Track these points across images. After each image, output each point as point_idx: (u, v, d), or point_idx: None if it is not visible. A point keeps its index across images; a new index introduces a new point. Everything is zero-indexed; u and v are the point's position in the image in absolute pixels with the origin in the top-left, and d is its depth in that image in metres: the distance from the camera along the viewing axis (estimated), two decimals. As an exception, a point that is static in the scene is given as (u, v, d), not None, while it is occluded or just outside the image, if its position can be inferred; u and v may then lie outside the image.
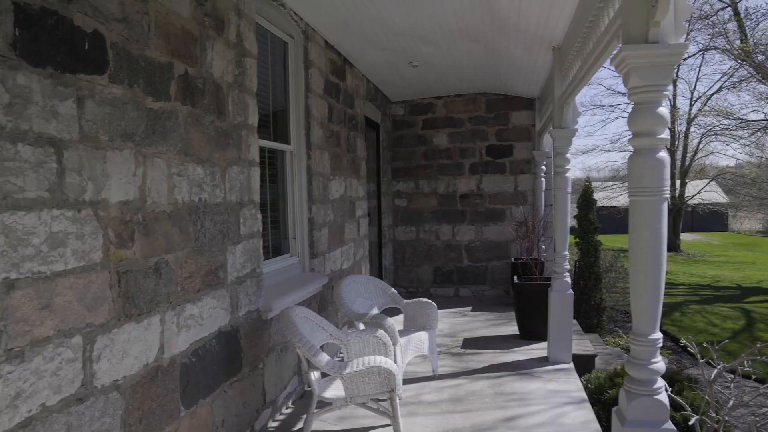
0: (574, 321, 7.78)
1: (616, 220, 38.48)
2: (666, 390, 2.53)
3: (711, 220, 43.89)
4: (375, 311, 5.20)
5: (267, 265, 4.57)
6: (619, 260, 12.68)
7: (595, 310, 9.52)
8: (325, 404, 3.94)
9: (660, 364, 2.49)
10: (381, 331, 4.16)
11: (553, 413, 4.51)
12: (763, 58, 18.53)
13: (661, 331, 10.26)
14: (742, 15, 20.08)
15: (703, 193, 33.25)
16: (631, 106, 2.47)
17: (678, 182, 31.59)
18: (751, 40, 18.89)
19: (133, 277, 2.67)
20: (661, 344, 2.48)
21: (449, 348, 6.36)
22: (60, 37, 2.22)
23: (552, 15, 4.68)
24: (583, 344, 6.59)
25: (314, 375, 3.82)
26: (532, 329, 6.39)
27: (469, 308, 8.39)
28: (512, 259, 7.99)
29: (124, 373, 2.60)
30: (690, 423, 2.92)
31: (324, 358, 3.60)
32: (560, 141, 5.26)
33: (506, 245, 9.09)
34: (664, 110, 2.38)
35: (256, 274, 4.08)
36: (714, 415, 3.06)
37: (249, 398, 3.97)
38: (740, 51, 18.46)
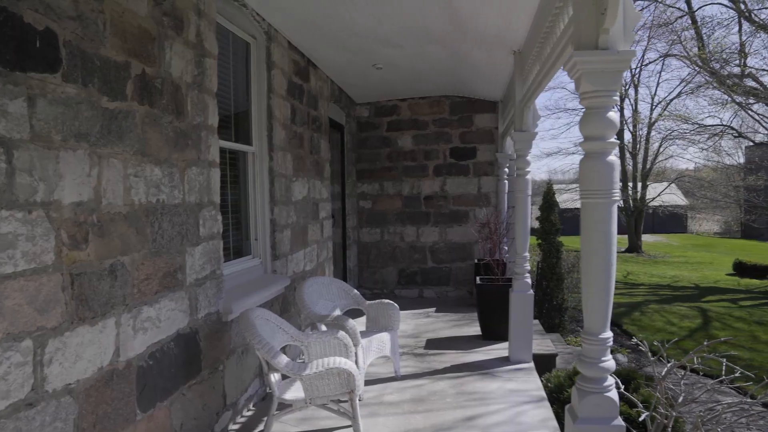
0: (536, 321, 7.92)
1: (579, 222, 39.10)
2: (619, 387, 2.60)
3: (671, 221, 44.97)
4: (337, 313, 5.21)
5: (228, 267, 4.54)
6: (577, 261, 12.91)
7: (557, 311, 9.68)
8: (285, 406, 3.94)
9: (610, 362, 2.55)
10: (342, 333, 4.17)
11: (513, 412, 4.58)
12: (719, 65, 19.09)
13: (621, 330, 10.50)
14: (699, 23, 20.67)
15: (664, 195, 34.09)
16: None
17: (639, 185, 32.31)
18: (709, 47, 19.45)
19: (87, 279, 2.63)
20: (611, 343, 2.55)
21: (412, 349, 6.40)
22: (9, 34, 2.18)
23: (512, 19, 4.76)
24: (544, 344, 6.70)
25: (274, 377, 3.81)
26: (494, 330, 6.47)
27: (433, 309, 8.46)
28: (476, 261, 8.08)
29: (77, 376, 2.55)
30: (640, 419, 3.00)
31: (283, 359, 3.59)
32: (521, 144, 5.34)
33: (470, 246, 9.18)
34: (613, 115, 2.45)
35: (216, 275, 4.05)
36: (663, 411, 3.15)
37: (209, 401, 3.93)
38: (698, 58, 18.97)
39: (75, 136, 2.55)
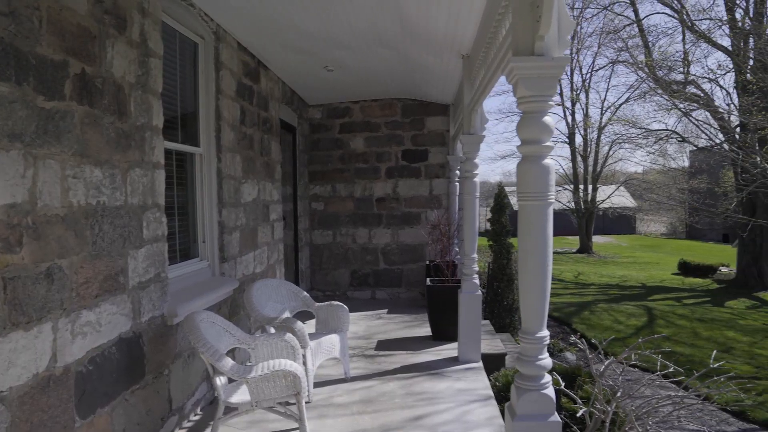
0: (487, 321, 8.04)
1: (532, 224, 39.85)
2: (559, 384, 2.67)
3: (620, 223, 46.26)
4: (287, 315, 5.20)
5: (174, 270, 4.47)
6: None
7: (507, 311, 9.84)
8: (232, 409, 3.90)
9: (547, 360, 2.62)
10: (289, 335, 4.16)
11: (460, 411, 4.65)
12: (664, 73, 19.76)
13: (571, 329, 10.72)
14: (646, 32, 21.36)
15: (613, 197, 35.05)
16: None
17: (590, 187, 33.14)
18: (654, 55, 20.11)
19: (21, 283, 2.56)
20: (548, 341, 2.62)
21: (363, 350, 6.42)
22: (-64, 31, 2.11)
23: (459, 24, 4.83)
24: (494, 344, 6.81)
25: (220, 380, 3.78)
26: (444, 330, 6.55)
27: (385, 311, 8.50)
28: (427, 262, 8.15)
29: (9, 383, 2.48)
30: (578, 414, 3.09)
31: (228, 362, 3.57)
32: (469, 147, 5.43)
33: (421, 248, 9.26)
34: (549, 119, 2.52)
35: (160, 278, 3.99)
36: (600, 406, 3.26)
37: (153, 406, 3.87)
38: (644, 65, 19.58)
39: (8, 136, 2.48)
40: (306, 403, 4.76)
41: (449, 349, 6.27)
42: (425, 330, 7.13)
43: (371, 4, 4.81)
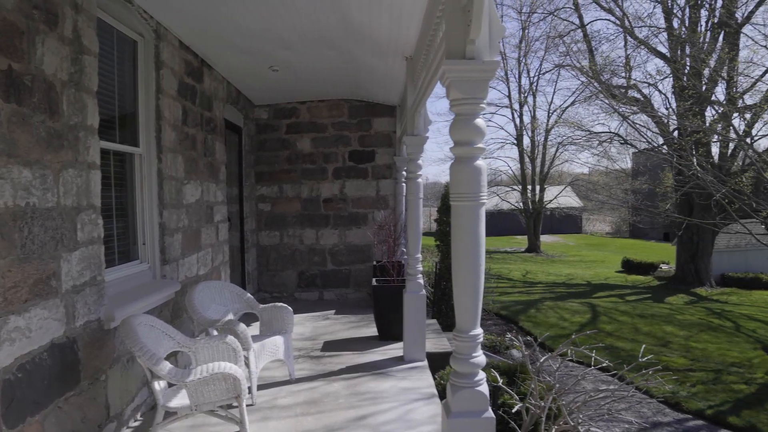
0: (434, 320, 8.13)
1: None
2: (497, 381, 2.73)
3: (567, 222, 47.41)
4: (230, 317, 5.15)
5: (112, 273, 4.37)
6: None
7: (454, 310, 9.95)
8: (172, 414, 3.84)
9: (480, 357, 2.68)
10: (230, 337, 4.12)
11: (403, 410, 4.69)
12: (608, 77, 20.37)
13: (518, 327, 10.93)
14: (590, 37, 21.99)
15: (560, 198, 35.91)
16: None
17: (538, 188, 33.87)
18: (598, 60, 20.69)
19: (-58, 288, 2.46)
20: (481, 339, 2.68)
21: (309, 351, 6.41)
22: None
23: (401, 26, 4.88)
24: (440, 342, 6.89)
25: (159, 384, 3.71)
26: (390, 330, 6.59)
27: (333, 311, 8.49)
28: (374, 262, 8.18)
29: (-71, 392, 2.39)
30: (513, 410, 3.17)
31: (166, 366, 3.51)
32: (413, 148, 5.48)
33: (369, 248, 9.30)
34: (480, 122, 2.58)
35: (96, 282, 3.89)
36: (534, 402, 3.34)
37: (89, 413, 3.77)
38: (588, 70, 20.13)
39: (-73, 136, 2.39)
40: (249, 405, 4.73)
41: (395, 349, 6.31)
42: (372, 330, 7.16)
43: (314, 5, 4.81)
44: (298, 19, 5.15)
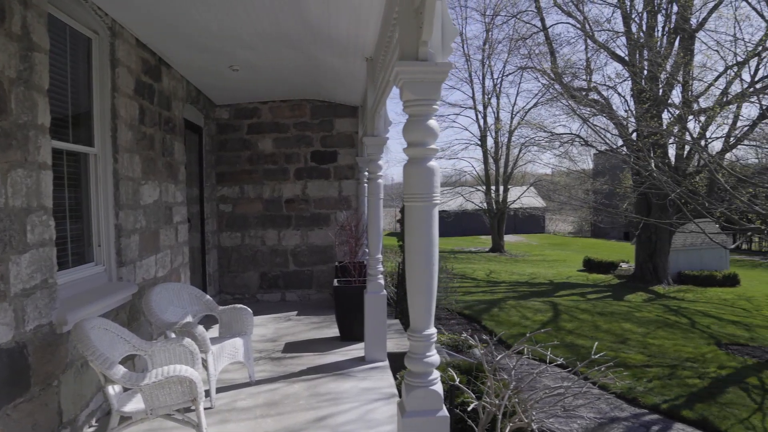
0: (396, 320, 8.16)
1: (446, 224, 40.80)
2: (454, 381, 2.75)
3: (530, 222, 48.05)
4: (189, 319, 5.08)
5: (65, 275, 4.28)
6: (442, 262, 13.47)
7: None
8: (127, 419, 3.77)
9: (435, 357, 2.70)
10: (187, 339, 4.07)
11: (364, 410, 4.70)
12: (569, 79, 20.73)
13: (481, 326, 11.03)
14: (552, 40, 22.35)
15: (523, 198, 36.40)
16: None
17: (501, 188, 34.25)
18: (559, 63, 21.04)
19: None
20: (435, 339, 2.70)
21: (270, 353, 6.37)
22: None
23: (360, 27, 4.89)
24: (402, 342, 6.92)
25: (114, 389, 3.65)
26: (352, 330, 6.60)
27: (295, 312, 8.45)
28: (336, 263, 8.18)
29: None
30: (468, 409, 3.20)
31: (120, 370, 3.45)
32: (373, 148, 5.49)
33: (331, 249, 9.28)
34: (433, 123, 2.60)
35: (48, 285, 3.80)
36: (489, 400, 3.39)
37: (40, 419, 3.68)
38: (550, 72, 20.44)
39: None
40: (208, 408, 4.69)
41: (356, 349, 6.32)
42: (334, 331, 7.15)
43: (273, 5, 4.78)
44: (257, 19, 5.12)
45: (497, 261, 29.11)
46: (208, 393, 4.69)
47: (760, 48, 12.02)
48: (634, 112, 18.08)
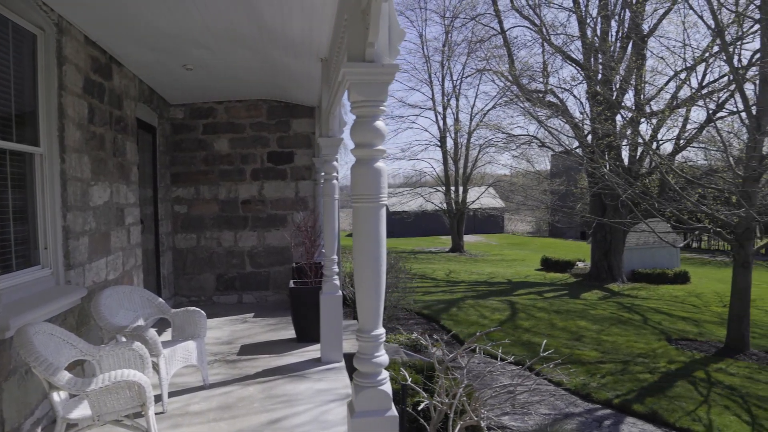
0: (354, 321, 8.15)
1: (407, 224, 41.01)
2: (405, 380, 2.76)
3: (490, 222, 48.60)
4: (140, 323, 4.98)
5: (9, 279, 4.15)
6: (401, 262, 13.53)
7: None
8: (74, 426, 3.68)
9: (383, 357, 2.72)
10: (137, 343, 4.00)
11: (318, 411, 4.69)
12: (527, 81, 21.05)
13: (440, 325, 11.08)
14: (510, 43, 22.67)
15: (483, 198, 36.78)
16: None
17: (461, 189, 34.56)
18: (517, 65, 21.35)
19: None
20: (383, 339, 2.72)
21: (225, 355, 6.30)
22: None
23: (314, 28, 4.88)
24: (359, 343, 6.92)
25: (59, 396, 3.55)
26: (308, 332, 6.57)
27: (252, 314, 8.37)
28: (293, 264, 8.13)
29: None
30: (419, 408, 3.23)
31: (64, 376, 3.37)
32: (327, 149, 5.48)
33: (288, 250, 9.22)
34: (381, 124, 2.61)
35: (-12, 289, 3.68)
36: (439, 399, 3.42)
37: (-19, 428, 3.57)
38: (508, 74, 20.73)
39: None
40: (160, 413, 4.61)
41: (313, 351, 6.30)
42: (291, 332, 7.11)
43: (226, 4, 4.73)
44: (210, 18, 5.06)
45: (457, 261, 29.35)
46: (160, 397, 4.62)
47: (707, 54, 12.41)
48: (589, 114, 18.47)
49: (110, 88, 6.14)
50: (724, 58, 10.83)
